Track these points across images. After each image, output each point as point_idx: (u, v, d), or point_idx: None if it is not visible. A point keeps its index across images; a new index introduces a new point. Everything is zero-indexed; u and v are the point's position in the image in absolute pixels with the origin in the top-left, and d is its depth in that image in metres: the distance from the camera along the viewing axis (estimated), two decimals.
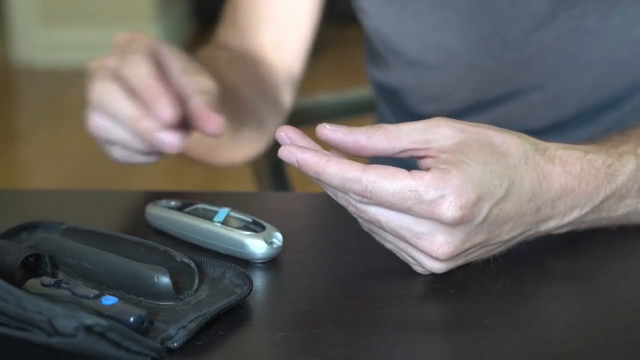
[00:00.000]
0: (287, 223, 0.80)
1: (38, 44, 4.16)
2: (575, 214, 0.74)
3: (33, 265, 0.69)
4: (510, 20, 1.02)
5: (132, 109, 0.80)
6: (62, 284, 0.65)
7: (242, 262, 0.74)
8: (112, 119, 0.82)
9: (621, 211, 0.77)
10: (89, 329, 0.58)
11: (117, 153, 0.85)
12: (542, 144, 0.73)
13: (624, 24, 1.00)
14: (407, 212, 0.68)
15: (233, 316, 0.67)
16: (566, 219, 0.74)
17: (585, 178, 0.74)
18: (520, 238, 0.73)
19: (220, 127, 0.79)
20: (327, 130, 0.71)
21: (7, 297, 0.60)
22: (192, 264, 0.68)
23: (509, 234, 0.72)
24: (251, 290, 0.68)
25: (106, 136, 0.83)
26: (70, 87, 3.83)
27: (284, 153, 0.70)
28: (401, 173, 0.68)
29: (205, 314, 0.65)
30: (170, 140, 0.79)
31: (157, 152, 0.84)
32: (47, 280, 0.66)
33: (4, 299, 0.60)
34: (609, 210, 0.77)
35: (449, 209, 0.67)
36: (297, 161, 0.69)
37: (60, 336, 0.59)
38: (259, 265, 0.75)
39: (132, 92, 0.80)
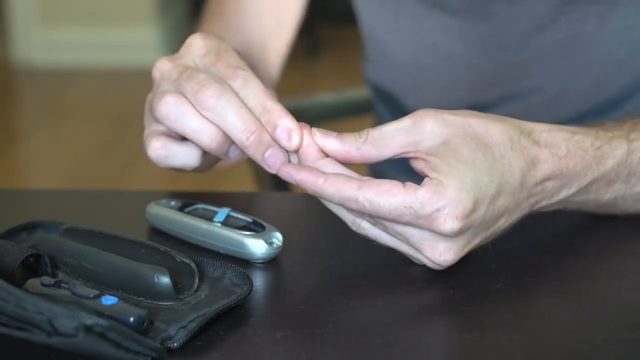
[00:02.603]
0: (287, 223, 0.80)
1: (38, 44, 4.15)
2: (563, 194, 0.75)
3: (33, 265, 0.69)
4: (509, 23, 1.02)
5: (247, 118, 0.74)
6: (62, 284, 0.65)
7: (242, 262, 0.74)
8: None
9: (609, 195, 0.77)
10: (89, 329, 0.58)
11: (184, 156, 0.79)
12: (527, 125, 0.74)
13: (623, 25, 1.00)
14: (407, 225, 0.69)
15: (233, 316, 0.67)
16: (554, 199, 0.75)
17: (573, 159, 0.74)
18: (515, 222, 0.74)
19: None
20: (318, 138, 0.72)
21: (7, 297, 0.60)
22: (192, 264, 0.68)
23: (506, 223, 0.73)
24: (251, 290, 0.68)
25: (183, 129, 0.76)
26: (70, 87, 3.83)
27: (282, 173, 0.72)
28: (396, 188, 0.68)
29: (205, 314, 0.65)
30: (279, 160, 0.73)
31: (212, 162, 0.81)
32: (47, 280, 0.66)
33: (4, 299, 0.60)
34: (597, 193, 0.77)
35: (446, 221, 0.68)
36: (296, 181, 0.71)
37: (60, 336, 0.59)
38: (259, 265, 0.75)
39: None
